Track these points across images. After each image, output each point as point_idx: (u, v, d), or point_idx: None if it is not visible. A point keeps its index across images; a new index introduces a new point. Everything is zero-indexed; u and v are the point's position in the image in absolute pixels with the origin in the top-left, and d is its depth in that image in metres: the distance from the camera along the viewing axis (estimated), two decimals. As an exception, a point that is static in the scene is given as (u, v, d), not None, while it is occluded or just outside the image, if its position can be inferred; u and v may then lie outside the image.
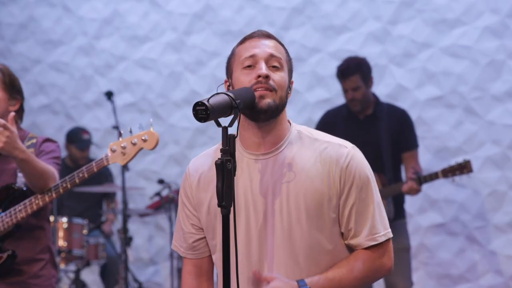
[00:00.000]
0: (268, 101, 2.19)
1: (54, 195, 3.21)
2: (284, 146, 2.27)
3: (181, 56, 6.71)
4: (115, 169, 6.56)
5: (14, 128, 3.11)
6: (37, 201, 3.20)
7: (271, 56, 2.22)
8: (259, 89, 2.19)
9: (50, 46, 7.05)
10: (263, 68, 2.20)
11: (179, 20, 6.71)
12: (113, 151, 3.18)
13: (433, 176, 4.73)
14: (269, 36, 2.27)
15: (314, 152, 2.25)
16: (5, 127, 3.07)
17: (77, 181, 3.20)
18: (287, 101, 2.27)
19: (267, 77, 2.19)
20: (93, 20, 6.96)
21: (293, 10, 6.37)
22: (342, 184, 2.22)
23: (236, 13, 6.54)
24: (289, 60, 2.29)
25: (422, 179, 4.71)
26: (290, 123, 2.32)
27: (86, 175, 3.20)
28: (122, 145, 3.17)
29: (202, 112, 2.06)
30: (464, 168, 4.75)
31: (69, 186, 3.21)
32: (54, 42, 7.06)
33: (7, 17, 7.14)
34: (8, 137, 3.07)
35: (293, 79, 2.34)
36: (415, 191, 4.74)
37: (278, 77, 2.22)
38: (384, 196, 4.76)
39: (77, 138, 6.22)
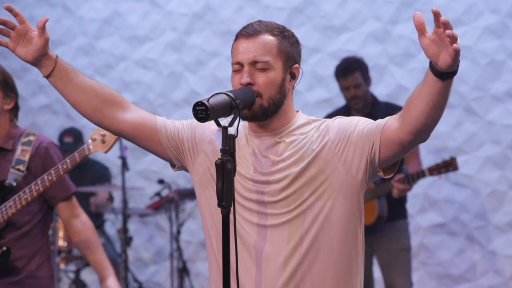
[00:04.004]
0: (252, 109, 2.21)
1: (41, 188, 3.20)
2: (286, 130, 2.27)
3: (181, 56, 6.71)
4: (115, 169, 6.56)
5: None
6: (25, 196, 3.20)
7: (255, 61, 2.23)
8: None
9: (50, 46, 7.03)
10: (244, 77, 2.22)
11: (179, 20, 6.71)
12: (93, 140, 3.18)
13: (420, 175, 4.74)
14: (255, 34, 2.25)
15: (316, 131, 2.27)
16: None
17: (61, 172, 3.20)
18: (284, 95, 2.26)
19: (249, 84, 2.21)
20: (93, 20, 6.96)
21: (293, 10, 6.37)
22: (336, 146, 2.23)
23: (236, 13, 6.54)
24: (284, 50, 2.25)
25: (410, 178, 4.72)
26: (297, 113, 2.32)
27: (69, 166, 3.19)
28: (102, 133, 3.17)
29: (202, 112, 2.07)
30: (449, 165, 4.76)
31: (54, 178, 3.20)
32: (54, 42, 7.06)
33: (7, 17, 7.13)
34: None
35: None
36: (404, 191, 4.74)
37: (263, 79, 2.22)
38: (376, 195, 4.76)
39: (60, 139, 6.21)
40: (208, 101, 2.08)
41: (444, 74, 1.98)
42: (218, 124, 2.10)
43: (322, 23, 6.30)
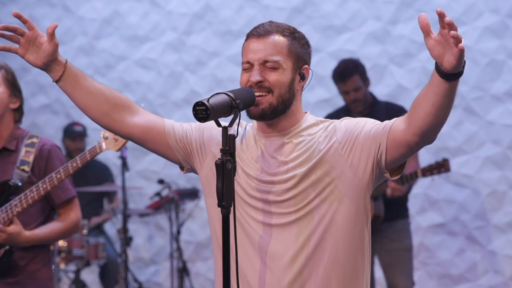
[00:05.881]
0: (261, 107, 2.22)
1: (49, 187, 3.21)
2: (294, 131, 2.28)
3: (181, 56, 6.71)
4: (115, 169, 6.56)
5: (10, 229, 3.20)
6: (32, 195, 3.21)
7: (265, 61, 2.24)
8: (255, 93, 2.22)
9: (50, 46, 7.04)
10: (254, 75, 2.23)
11: (179, 20, 6.71)
12: (105, 138, 3.18)
13: (413, 176, 4.74)
14: (266, 34, 2.26)
15: (324, 132, 2.28)
16: (0, 230, 3.17)
17: (71, 170, 3.21)
18: (293, 95, 2.27)
19: (260, 82, 2.22)
20: (93, 20, 6.96)
21: (293, 10, 6.37)
22: (342, 147, 2.23)
23: (236, 13, 6.54)
24: (295, 51, 2.27)
25: (404, 179, 4.73)
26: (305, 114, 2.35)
27: (79, 164, 3.20)
28: None
29: (202, 112, 2.07)
30: (441, 167, 4.76)
31: (63, 176, 3.21)
32: (54, 42, 7.06)
33: (7, 17, 7.14)
34: (5, 239, 3.19)
35: None
36: (398, 191, 4.73)
37: (273, 77, 2.23)
38: (372, 196, 4.76)
39: (69, 129, 6.33)
40: (208, 101, 2.08)
41: (450, 75, 1.99)
42: (218, 124, 2.11)
43: (322, 23, 6.30)
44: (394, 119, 2.22)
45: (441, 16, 1.94)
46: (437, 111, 2.06)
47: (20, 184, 3.27)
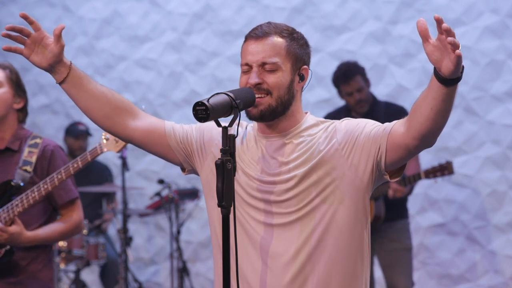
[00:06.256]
0: (260, 109, 2.23)
1: (49, 187, 3.21)
2: (295, 132, 2.29)
3: (181, 56, 6.71)
4: (115, 169, 6.56)
5: (12, 229, 3.20)
6: (33, 195, 3.21)
7: (264, 63, 2.24)
8: (255, 95, 2.23)
9: (50, 46, 7.04)
10: (252, 77, 2.23)
11: (179, 20, 6.71)
12: (106, 139, 3.18)
13: (416, 177, 4.74)
14: (264, 35, 2.26)
15: (324, 132, 2.29)
16: (2, 230, 3.17)
17: (72, 171, 3.21)
18: (292, 96, 2.27)
19: (259, 84, 2.23)
20: (93, 20, 6.96)
21: (293, 10, 6.37)
22: (342, 148, 2.24)
23: (236, 13, 6.54)
24: (293, 52, 2.27)
25: (406, 180, 4.72)
26: (305, 114, 2.35)
27: (80, 165, 3.20)
28: None
29: (202, 112, 2.07)
30: (445, 169, 4.76)
31: (64, 177, 3.21)
32: (54, 42, 7.05)
33: (7, 17, 7.14)
34: (6, 239, 3.19)
35: None
36: (400, 193, 4.73)
37: (272, 79, 2.24)
38: (374, 197, 4.75)
39: (73, 128, 6.36)
40: (208, 101, 2.08)
41: (448, 80, 2.00)
42: (218, 124, 2.11)
43: (322, 23, 6.30)
44: (395, 121, 2.22)
45: (438, 22, 1.94)
46: (436, 115, 2.07)
47: (22, 184, 3.28)
